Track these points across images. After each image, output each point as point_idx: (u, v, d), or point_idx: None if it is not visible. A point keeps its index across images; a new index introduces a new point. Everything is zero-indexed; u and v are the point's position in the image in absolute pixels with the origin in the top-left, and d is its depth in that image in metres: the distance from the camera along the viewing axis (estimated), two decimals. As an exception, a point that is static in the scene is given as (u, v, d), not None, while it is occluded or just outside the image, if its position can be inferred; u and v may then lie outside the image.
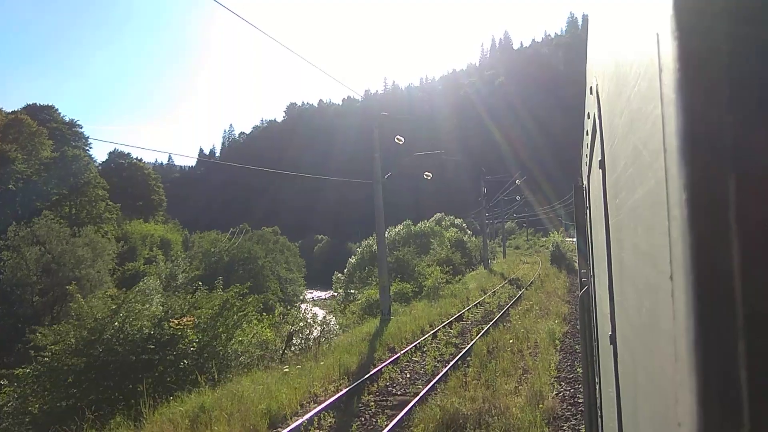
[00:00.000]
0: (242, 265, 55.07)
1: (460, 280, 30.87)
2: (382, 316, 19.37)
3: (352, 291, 36.95)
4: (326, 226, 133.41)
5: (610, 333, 1.59)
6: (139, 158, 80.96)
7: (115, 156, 79.94)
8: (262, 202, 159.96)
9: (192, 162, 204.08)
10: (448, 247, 44.26)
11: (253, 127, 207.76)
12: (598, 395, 2.89)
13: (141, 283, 47.19)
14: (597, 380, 2.96)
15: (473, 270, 40.95)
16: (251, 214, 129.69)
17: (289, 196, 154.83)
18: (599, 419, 2.67)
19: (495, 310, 20.07)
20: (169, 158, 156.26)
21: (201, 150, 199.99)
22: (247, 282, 55.64)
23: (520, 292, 24.80)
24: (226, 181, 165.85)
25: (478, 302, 22.28)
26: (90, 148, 79.36)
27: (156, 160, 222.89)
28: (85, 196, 57.30)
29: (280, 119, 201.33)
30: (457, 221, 56.94)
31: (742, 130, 0.41)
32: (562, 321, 17.18)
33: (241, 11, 12.17)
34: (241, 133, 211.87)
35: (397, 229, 43.26)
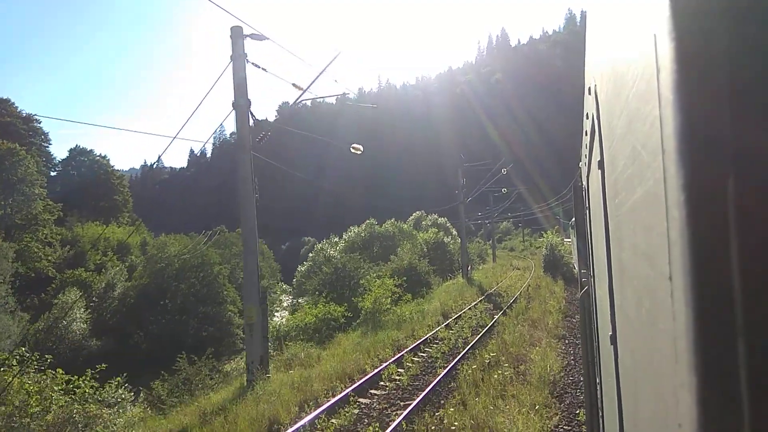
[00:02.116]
0: (195, 272, 47.26)
1: (420, 296, 22.78)
2: (248, 376, 11.35)
3: (301, 302, 29.07)
4: (323, 232, 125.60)
5: (610, 333, 1.56)
6: (102, 155, 73.26)
7: (77, 153, 72.20)
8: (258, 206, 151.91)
9: (183, 162, 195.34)
10: (425, 250, 36.18)
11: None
12: (599, 396, 2.83)
13: (61, 296, 39.36)
14: (598, 381, 2.87)
15: (451, 278, 32.81)
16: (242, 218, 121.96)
17: (284, 200, 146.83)
18: (600, 420, 2.63)
19: (441, 360, 11.98)
20: (158, 159, 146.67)
21: (191, 150, 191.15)
22: (199, 290, 47.40)
23: (495, 319, 16.72)
24: (217, 182, 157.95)
25: (424, 340, 14.21)
26: (49, 144, 72.01)
27: (144, 161, 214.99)
28: (22, 194, 49.68)
29: (272, 118, 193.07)
30: (441, 221, 48.89)
31: (740, 130, 0.40)
32: (550, 395, 9.10)
33: (229, 6, 9.82)
34: (233, 133, 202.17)
35: (357, 230, 35.09)
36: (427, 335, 14.75)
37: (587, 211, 3.18)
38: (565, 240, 37.66)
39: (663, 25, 0.47)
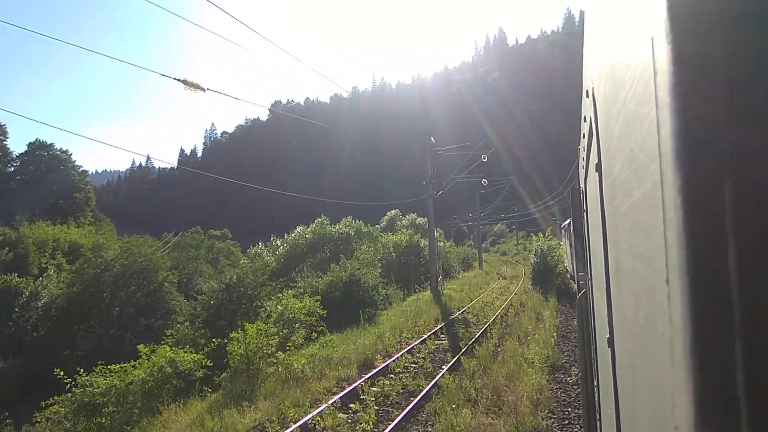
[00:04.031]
0: (135, 279, 39.79)
1: (357, 323, 15.81)
2: None
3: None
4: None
5: (608, 336, 1.53)
6: (64, 149, 66.54)
7: (35, 147, 65.50)
8: (256, 209, 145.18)
9: (173, 162, 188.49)
10: (393, 256, 29.25)
11: (237, 126, 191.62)
12: (596, 398, 2.76)
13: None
14: (595, 383, 2.83)
15: (422, 290, 25.77)
16: (238, 221, 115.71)
17: (284, 200, 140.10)
18: (597, 422, 2.58)
19: None
20: (148, 159, 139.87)
21: (182, 150, 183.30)
22: (139, 300, 40.01)
23: (436, 379, 9.76)
24: (207, 183, 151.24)
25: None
26: (6, 138, 65.36)
27: (133, 161, 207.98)
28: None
29: (264, 117, 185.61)
30: (420, 221, 41.97)
31: (737, 132, 0.40)
32: None
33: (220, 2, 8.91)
34: (224, 133, 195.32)
35: (301, 230, 28.06)
36: (298, 423, 7.75)
37: (585, 214, 3.08)
38: (560, 243, 30.62)
39: (660, 28, 0.45)
